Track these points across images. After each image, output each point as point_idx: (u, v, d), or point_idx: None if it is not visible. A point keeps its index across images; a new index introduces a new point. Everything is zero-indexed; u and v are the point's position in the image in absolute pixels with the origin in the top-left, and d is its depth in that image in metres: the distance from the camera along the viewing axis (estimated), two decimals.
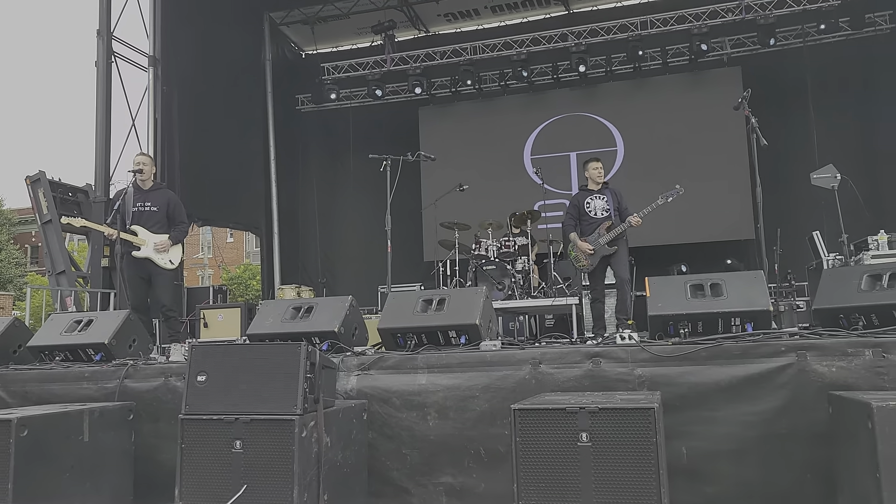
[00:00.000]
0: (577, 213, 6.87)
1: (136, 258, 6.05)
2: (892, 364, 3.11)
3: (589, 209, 6.81)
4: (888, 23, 10.57)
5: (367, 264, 11.75)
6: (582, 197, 6.94)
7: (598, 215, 6.76)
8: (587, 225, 6.78)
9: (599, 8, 12.43)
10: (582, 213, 6.84)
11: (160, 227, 6.19)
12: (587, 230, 6.76)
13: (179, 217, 6.32)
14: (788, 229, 8.42)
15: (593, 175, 6.90)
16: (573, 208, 6.94)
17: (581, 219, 6.86)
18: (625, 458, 2.61)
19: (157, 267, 6.09)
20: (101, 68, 9.43)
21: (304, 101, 13.37)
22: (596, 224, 6.72)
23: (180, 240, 6.31)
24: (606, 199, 6.82)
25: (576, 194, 7.11)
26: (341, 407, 3.46)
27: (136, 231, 6.06)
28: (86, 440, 3.59)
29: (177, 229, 6.28)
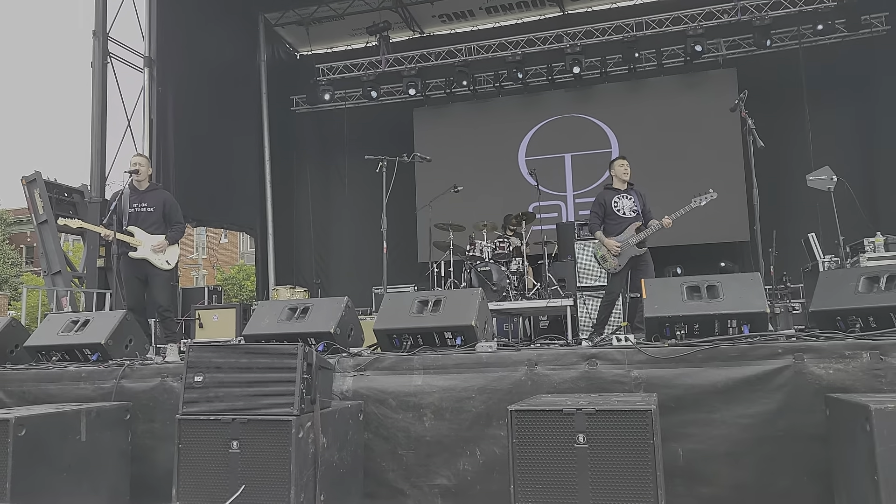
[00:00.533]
0: (602, 211, 6.64)
1: (133, 259, 6.05)
2: (889, 366, 3.12)
3: (617, 208, 6.56)
4: (884, 24, 10.61)
5: (362, 265, 11.78)
6: (609, 195, 6.69)
7: (626, 215, 6.53)
8: (614, 224, 6.54)
9: (594, 9, 12.44)
10: (609, 213, 6.60)
11: (157, 227, 6.18)
12: (613, 230, 6.52)
13: (176, 217, 6.32)
14: (784, 231, 8.44)
15: (619, 173, 6.69)
16: (599, 207, 6.69)
17: (607, 218, 6.62)
18: (621, 460, 2.61)
19: (153, 267, 6.09)
20: (96, 69, 9.41)
21: (299, 102, 13.37)
22: (624, 224, 6.49)
23: (177, 240, 6.30)
24: (633, 199, 6.62)
25: (601, 193, 6.87)
26: (337, 408, 3.46)
27: (133, 232, 6.05)
28: (83, 440, 3.58)
29: (173, 229, 6.27)
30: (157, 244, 6.08)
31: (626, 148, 11.57)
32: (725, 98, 8.62)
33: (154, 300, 6.22)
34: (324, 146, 13.67)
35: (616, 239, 6.43)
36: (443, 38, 12.91)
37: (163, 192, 6.46)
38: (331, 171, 13.60)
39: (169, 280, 6.34)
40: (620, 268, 6.41)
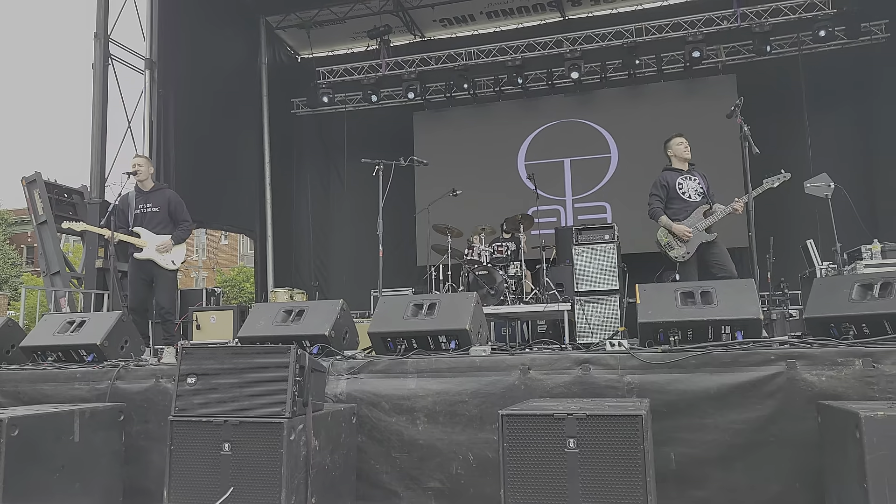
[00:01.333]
0: (665, 194, 6.08)
1: (139, 260, 6.06)
2: (881, 374, 3.12)
3: (682, 191, 6.01)
4: (884, 31, 10.62)
5: (360, 268, 11.78)
6: (672, 177, 6.13)
7: (692, 198, 5.99)
8: (678, 209, 5.99)
9: (594, 14, 12.47)
10: (672, 196, 6.03)
11: (163, 227, 6.19)
12: (678, 214, 5.97)
13: (182, 216, 6.31)
14: (783, 237, 8.45)
15: (679, 152, 6.16)
16: (660, 189, 6.13)
17: (671, 202, 6.05)
18: (612, 465, 2.61)
19: (159, 268, 6.10)
20: (97, 70, 9.43)
21: (300, 105, 13.40)
22: (690, 207, 5.96)
23: (183, 239, 6.30)
24: (698, 180, 6.08)
25: (662, 174, 6.28)
26: (330, 410, 3.46)
27: (139, 233, 6.07)
28: (76, 441, 3.59)
29: (180, 228, 6.27)
30: (162, 244, 6.09)
31: (625, 153, 11.62)
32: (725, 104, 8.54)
33: (158, 301, 6.23)
34: (324, 149, 13.70)
35: (684, 223, 5.91)
36: (443, 42, 12.95)
37: (167, 191, 6.46)
38: (331, 174, 13.63)
39: (174, 280, 6.35)
40: (689, 255, 5.87)
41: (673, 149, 6.24)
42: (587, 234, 7.63)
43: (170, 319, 6.26)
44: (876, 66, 10.75)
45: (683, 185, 6.07)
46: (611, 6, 12.33)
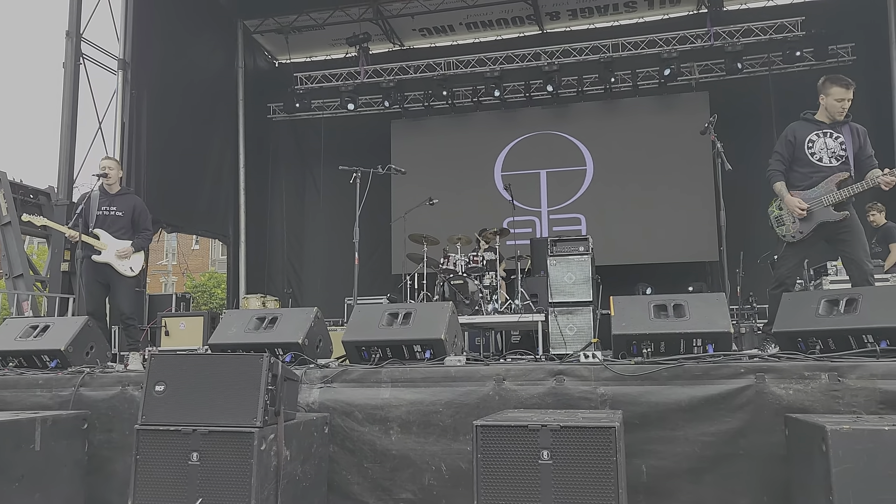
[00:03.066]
0: (790, 153, 4.87)
1: (96, 263, 5.96)
2: (846, 388, 3.17)
3: (811, 150, 4.77)
4: (850, 54, 10.89)
5: (335, 276, 11.73)
6: (804, 130, 4.84)
7: (824, 161, 4.75)
8: (803, 174, 4.81)
9: (572, 29, 12.62)
10: (798, 156, 4.82)
11: (124, 232, 6.11)
12: (801, 182, 4.80)
13: (144, 224, 6.26)
14: (753, 252, 8.59)
15: (832, 107, 4.75)
16: (785, 146, 4.89)
17: (795, 164, 4.84)
18: (585, 476, 2.62)
19: (116, 273, 6.01)
20: (68, 70, 9.30)
21: (276, 110, 13.33)
22: (820, 174, 4.75)
23: (143, 247, 6.24)
24: (842, 139, 4.75)
25: (792, 125, 4.96)
26: (302, 420, 3.42)
27: (98, 235, 5.97)
28: (37, 449, 3.50)
29: (140, 236, 6.20)
30: (122, 249, 6.00)
31: (600, 166, 11.73)
32: (697, 120, 8.76)
33: (117, 307, 6.14)
34: (300, 155, 13.63)
35: (804, 195, 4.76)
36: (422, 52, 12.99)
37: (133, 198, 6.40)
38: (306, 181, 13.56)
39: (133, 287, 6.27)
40: (803, 236, 4.77)
41: (827, 98, 4.80)
42: (562, 246, 7.69)
43: (133, 325, 6.17)
44: None
45: (815, 145, 4.79)
46: (588, 21, 12.49)
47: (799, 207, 4.72)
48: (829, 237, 4.80)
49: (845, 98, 4.76)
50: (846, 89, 4.75)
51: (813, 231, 4.77)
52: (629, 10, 12.12)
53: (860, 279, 4.61)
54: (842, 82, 4.78)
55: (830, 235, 4.78)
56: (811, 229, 4.76)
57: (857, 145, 4.81)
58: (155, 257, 29.46)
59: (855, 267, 4.70)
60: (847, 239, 4.73)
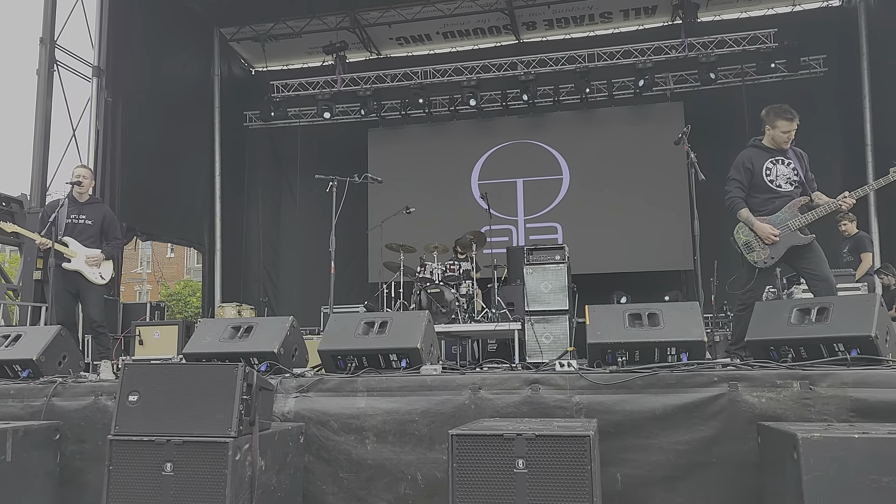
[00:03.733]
0: (748, 180, 4.96)
1: (66, 271, 5.91)
2: (818, 396, 3.22)
3: (769, 177, 4.90)
4: (822, 66, 11.10)
5: (311, 284, 11.67)
6: (760, 158, 4.97)
7: (782, 187, 4.89)
8: (763, 200, 4.93)
9: (548, 39, 12.73)
10: (756, 182, 4.93)
11: (93, 241, 6.08)
12: (763, 206, 4.92)
13: (114, 233, 6.23)
14: (726, 261, 8.68)
15: (779, 138, 4.93)
16: (743, 173, 4.97)
17: (754, 190, 4.95)
18: (560, 485, 2.63)
19: (86, 281, 5.96)
20: (42, 76, 9.18)
21: (253, 118, 13.27)
22: (781, 200, 4.87)
23: (113, 256, 6.20)
24: (793, 164, 4.91)
25: (746, 152, 5.08)
26: (277, 430, 3.40)
27: (68, 243, 5.91)
28: (8, 460, 3.44)
29: (110, 244, 6.17)
30: (93, 257, 5.94)
31: (576, 175, 11.83)
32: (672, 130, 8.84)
33: (88, 315, 6.09)
34: (276, 163, 13.57)
35: (770, 219, 4.85)
36: (399, 61, 13.01)
37: (103, 207, 6.38)
38: (283, 189, 13.50)
39: (103, 294, 6.21)
40: (774, 261, 4.84)
41: (773, 130, 4.97)
42: (538, 255, 7.73)
43: (102, 332, 6.11)
44: (814, 98, 11.21)
45: (773, 171, 4.91)
46: (564, 31, 12.61)
47: (772, 234, 4.80)
48: (795, 259, 4.90)
49: (791, 129, 4.93)
50: (791, 122, 4.93)
51: (783, 256, 4.87)
52: (605, 20, 12.27)
53: (829, 293, 4.67)
54: (786, 115, 4.94)
55: (796, 258, 4.88)
56: (781, 254, 4.85)
57: (803, 169, 4.99)
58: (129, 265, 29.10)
59: (822, 283, 4.77)
60: (812, 258, 4.84)
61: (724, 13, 11.98)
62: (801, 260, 4.86)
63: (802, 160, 5.02)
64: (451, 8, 11.87)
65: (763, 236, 4.84)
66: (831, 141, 11.02)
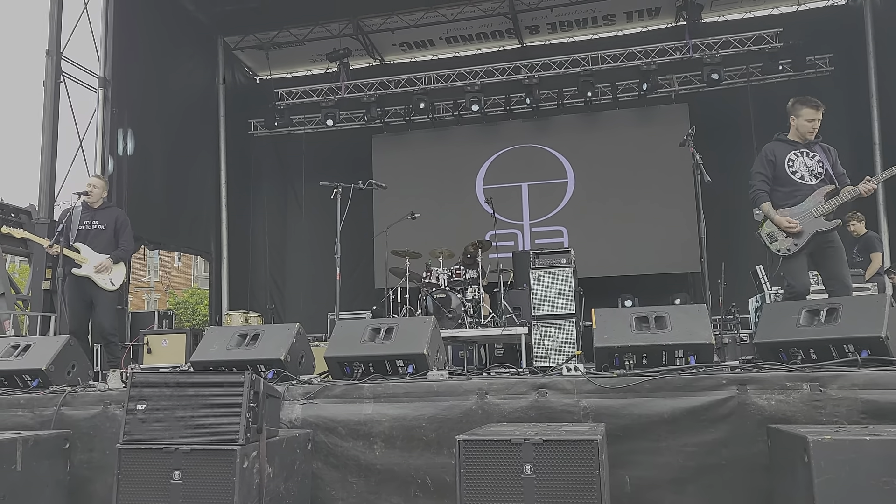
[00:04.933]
0: (772, 172, 4.97)
1: (78, 279, 5.91)
2: (828, 398, 3.20)
3: (792, 169, 4.91)
4: (828, 65, 11.06)
5: (317, 291, 11.69)
6: (782, 150, 4.99)
7: (805, 179, 4.90)
8: (786, 193, 4.92)
9: (552, 42, 12.72)
10: (779, 175, 4.94)
11: (106, 246, 6.07)
12: (785, 200, 4.92)
13: (125, 236, 6.22)
14: (734, 263, 8.66)
15: (803, 127, 4.95)
16: (766, 165, 4.98)
17: (777, 183, 4.95)
18: (568, 490, 2.62)
19: (98, 288, 5.96)
20: (49, 88, 9.23)
21: (257, 126, 13.30)
22: (803, 192, 4.87)
23: (122, 258, 6.17)
24: (818, 156, 4.93)
25: (771, 145, 5.10)
26: (285, 436, 3.40)
27: (79, 249, 5.93)
28: (18, 470, 3.46)
29: (119, 248, 6.15)
30: (99, 264, 5.94)
31: (581, 178, 11.81)
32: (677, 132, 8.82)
33: (99, 323, 6.07)
34: (281, 171, 13.60)
35: (791, 211, 4.86)
36: (403, 66, 13.04)
37: (115, 210, 6.36)
38: (288, 196, 13.52)
39: (115, 302, 6.21)
40: (798, 248, 4.82)
41: (798, 119, 5.00)
42: (544, 259, 7.71)
43: (113, 342, 6.11)
44: (821, 98, 11.04)
45: (795, 163, 4.94)
46: (567, 35, 12.60)
47: (789, 223, 4.81)
48: (816, 250, 4.87)
49: (815, 118, 4.95)
50: (816, 110, 4.96)
51: (807, 242, 4.84)
52: (608, 23, 12.25)
53: (844, 294, 4.66)
54: (811, 104, 4.98)
55: (818, 248, 4.86)
56: (805, 241, 4.83)
57: (830, 162, 4.98)
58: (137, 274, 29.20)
59: (838, 284, 4.79)
60: (832, 255, 4.84)
61: (728, 13, 11.95)
62: (821, 254, 4.85)
63: (829, 153, 4.99)
64: (453, 13, 11.88)
65: (781, 227, 4.84)
66: (839, 140, 10.84)
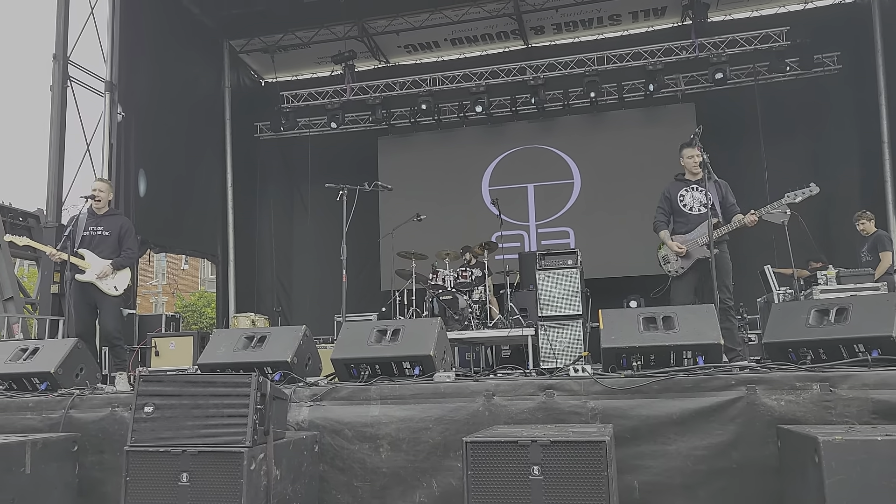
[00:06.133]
0: (669, 207, 5.97)
1: (83, 285, 5.95)
2: (838, 398, 3.18)
3: (683, 203, 5.87)
4: (836, 63, 10.99)
5: (324, 293, 11.68)
6: (675, 188, 5.97)
7: (694, 210, 5.80)
8: (680, 222, 5.87)
9: (557, 43, 12.69)
10: (675, 208, 5.91)
11: (111, 252, 6.11)
12: (680, 228, 5.86)
13: (128, 243, 6.25)
14: (740, 263, 8.58)
15: (688, 164, 5.89)
16: (665, 202, 6.01)
17: (674, 214, 5.93)
18: (576, 492, 2.60)
19: (101, 293, 6.00)
20: (56, 92, 9.27)
21: (263, 129, 13.31)
22: (693, 221, 5.77)
23: (124, 266, 6.20)
24: (706, 191, 5.63)
25: (668, 184, 6.12)
26: (292, 439, 3.40)
27: (84, 255, 5.96)
28: (27, 473, 3.47)
29: (122, 255, 6.18)
30: (100, 269, 5.97)
31: (587, 179, 11.78)
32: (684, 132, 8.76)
33: (104, 327, 6.11)
34: (287, 173, 13.61)
35: (683, 238, 5.75)
36: (408, 68, 13.02)
37: (120, 218, 6.40)
38: (294, 199, 13.54)
39: (118, 306, 6.23)
40: (683, 271, 5.75)
41: (684, 160, 5.95)
42: (550, 260, 7.69)
43: (118, 345, 6.14)
44: (829, 96, 11.11)
45: (685, 197, 5.87)
46: (573, 35, 12.58)
47: (678, 248, 5.72)
48: (703, 271, 5.58)
49: (694, 154, 5.76)
50: (693, 147, 5.76)
51: (691, 266, 5.71)
52: (613, 23, 12.22)
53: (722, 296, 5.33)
54: (689, 144, 5.82)
55: (704, 269, 5.53)
56: (689, 265, 5.71)
57: (720, 196, 5.74)
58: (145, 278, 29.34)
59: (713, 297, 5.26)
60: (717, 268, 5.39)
61: (734, 12, 11.90)
62: (707, 273, 5.43)
63: (720, 188, 5.76)
64: (458, 14, 11.87)
65: (672, 250, 5.76)
66: (847, 139, 10.92)
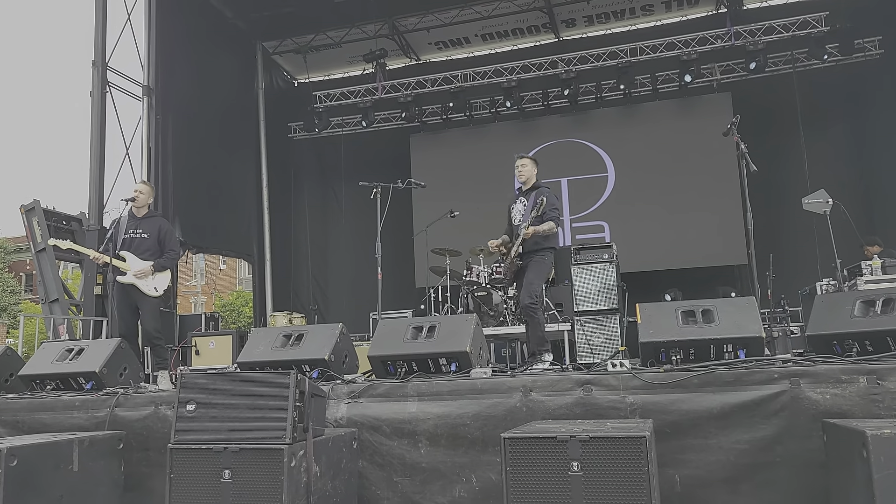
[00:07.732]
0: (508, 216, 6.12)
1: (124, 286, 6.08)
2: (886, 391, 3.10)
3: (513, 213, 6.01)
4: (878, 48, 10.70)
5: (359, 291, 11.77)
6: (513, 200, 6.10)
7: (517, 220, 5.91)
8: (510, 232, 6.04)
9: (589, 35, 12.57)
10: (511, 219, 6.05)
11: (151, 254, 6.21)
12: (512, 238, 5.98)
13: (169, 245, 6.35)
14: (782, 254, 8.44)
15: (517, 176, 6.01)
16: (508, 213, 6.13)
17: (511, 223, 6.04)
18: (616, 488, 2.58)
19: (142, 294, 6.11)
20: (95, 98, 9.47)
21: (297, 129, 13.45)
22: (516, 231, 5.89)
23: (166, 267, 6.30)
24: (526, 202, 5.83)
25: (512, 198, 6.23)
26: (331, 436, 3.43)
27: (125, 257, 6.08)
28: (75, 470, 3.56)
29: (164, 256, 6.29)
30: (139, 270, 6.08)
31: (622, 172, 11.65)
32: (720, 122, 8.64)
33: (144, 327, 6.24)
34: (321, 172, 13.72)
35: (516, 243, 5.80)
36: (439, 65, 13.03)
37: (159, 220, 6.51)
38: (328, 198, 13.64)
39: (158, 306, 6.34)
40: (510, 282, 6.15)
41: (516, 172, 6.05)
42: (586, 254, 7.64)
43: (158, 344, 6.25)
44: (870, 82, 10.82)
45: (514, 209, 5.99)
46: (605, 27, 12.44)
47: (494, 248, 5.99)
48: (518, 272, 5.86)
49: (518, 166, 5.98)
50: (517, 159, 6.03)
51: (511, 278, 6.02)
52: (646, 13, 12.05)
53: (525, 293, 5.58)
54: (516, 159, 6.07)
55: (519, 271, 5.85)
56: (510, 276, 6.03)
57: (532, 205, 5.76)
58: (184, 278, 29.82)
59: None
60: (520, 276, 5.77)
61: None
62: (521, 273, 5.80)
63: (537, 197, 5.76)
64: (489, 9, 11.83)
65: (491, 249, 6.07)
66: (890, 125, 10.61)
